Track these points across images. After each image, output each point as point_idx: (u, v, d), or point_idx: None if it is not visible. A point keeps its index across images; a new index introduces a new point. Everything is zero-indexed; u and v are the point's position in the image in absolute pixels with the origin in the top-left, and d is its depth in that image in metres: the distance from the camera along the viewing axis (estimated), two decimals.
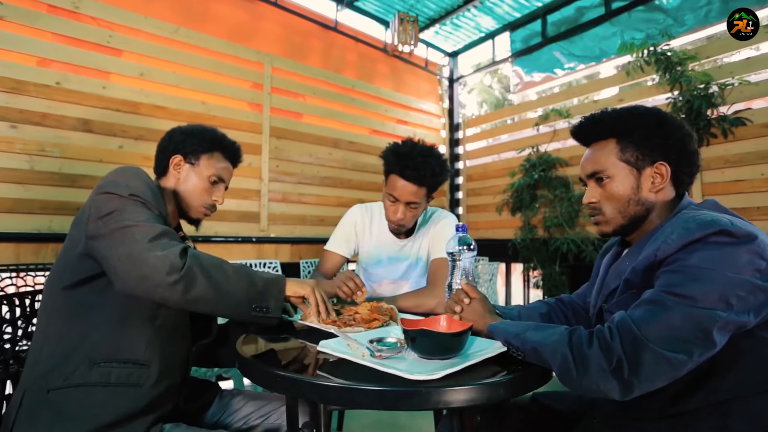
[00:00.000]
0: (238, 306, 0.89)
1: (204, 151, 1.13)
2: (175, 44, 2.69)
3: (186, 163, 1.12)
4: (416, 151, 1.37)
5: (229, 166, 1.20)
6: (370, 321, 1.02)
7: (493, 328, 0.85)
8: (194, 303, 0.85)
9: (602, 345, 0.68)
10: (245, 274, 0.92)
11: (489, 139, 4.23)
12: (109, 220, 0.86)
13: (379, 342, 0.85)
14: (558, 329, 0.76)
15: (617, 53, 3.05)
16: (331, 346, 0.82)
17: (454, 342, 0.77)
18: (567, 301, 1.11)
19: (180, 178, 1.12)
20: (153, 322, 0.93)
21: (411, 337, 0.78)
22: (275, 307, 0.93)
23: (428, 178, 1.36)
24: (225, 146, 1.18)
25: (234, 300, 0.88)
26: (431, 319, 0.88)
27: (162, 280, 0.81)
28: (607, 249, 1.04)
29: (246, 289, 0.90)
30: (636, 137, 0.85)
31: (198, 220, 1.18)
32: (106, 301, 0.91)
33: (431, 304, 1.36)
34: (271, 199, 3.08)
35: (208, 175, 1.13)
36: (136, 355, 0.89)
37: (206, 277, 0.85)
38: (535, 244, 3.25)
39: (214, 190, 1.16)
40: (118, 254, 0.84)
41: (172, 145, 1.13)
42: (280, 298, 0.95)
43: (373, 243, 1.60)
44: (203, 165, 1.13)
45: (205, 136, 1.15)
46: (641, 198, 0.86)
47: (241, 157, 1.26)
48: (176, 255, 0.84)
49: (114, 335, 0.90)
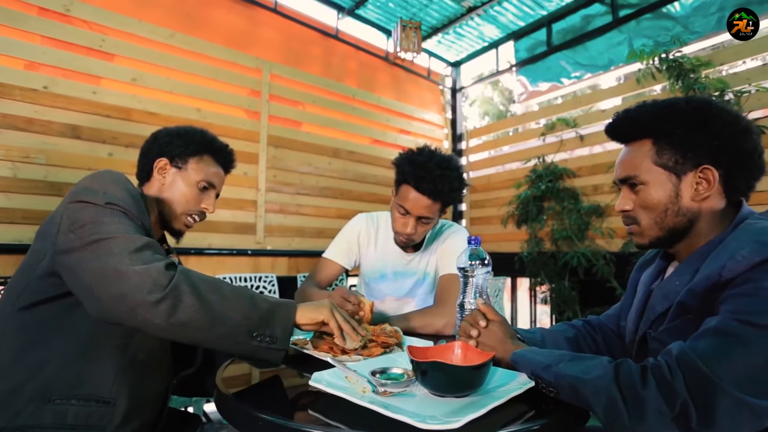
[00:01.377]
0: (235, 334, 0.73)
1: (192, 154, 1.03)
2: (170, 49, 2.60)
3: (172, 167, 1.01)
4: (434, 161, 1.23)
5: (220, 171, 1.09)
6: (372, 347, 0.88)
7: (519, 357, 0.72)
8: (181, 329, 0.71)
9: (661, 385, 0.55)
10: (246, 296, 0.78)
11: (492, 150, 4.13)
12: (82, 232, 0.74)
13: (383, 374, 0.72)
14: (599, 362, 0.63)
15: (626, 61, 2.97)
16: (326, 379, 0.69)
17: (475, 377, 0.64)
18: (596, 324, 0.98)
19: (165, 184, 1.01)
20: (124, 352, 0.80)
21: (422, 370, 0.65)
22: (282, 337, 0.77)
23: (445, 193, 1.23)
24: (216, 149, 1.07)
25: (231, 326, 0.73)
26: (444, 347, 0.75)
27: (142, 299, 0.68)
28: (646, 263, 0.91)
29: (246, 313, 0.75)
30: (675, 137, 0.73)
31: (180, 231, 1.05)
32: (69, 325, 0.78)
33: (439, 324, 1.23)
34: (268, 210, 2.96)
35: (196, 180, 1.02)
36: (99, 391, 0.76)
37: (197, 297, 0.71)
38: (543, 258, 3.11)
39: (204, 197, 1.04)
40: (92, 270, 0.71)
41: (157, 147, 1.02)
42: (289, 325, 0.79)
43: (378, 255, 1.47)
44: (191, 169, 1.02)
45: (194, 137, 1.04)
46: (682, 208, 0.73)
47: (233, 162, 1.15)
48: (160, 269, 0.71)
49: (75, 366, 0.76)
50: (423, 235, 1.34)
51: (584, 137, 3.17)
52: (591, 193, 3.07)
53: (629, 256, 2.68)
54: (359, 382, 0.69)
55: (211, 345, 0.75)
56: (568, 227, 2.97)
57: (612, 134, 0.83)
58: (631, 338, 0.83)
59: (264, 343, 0.75)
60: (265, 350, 0.75)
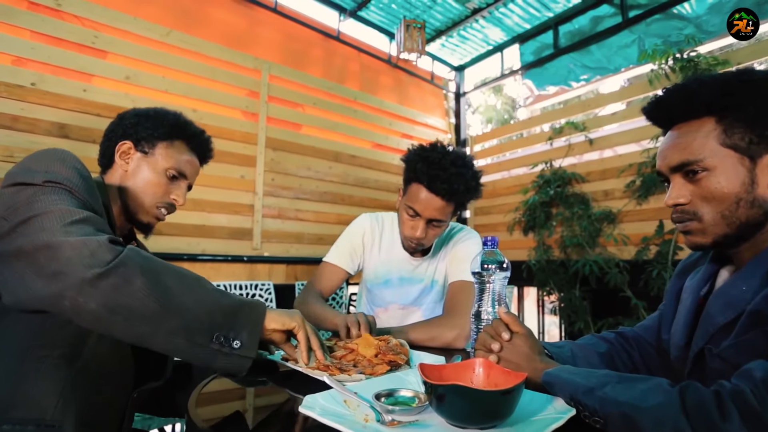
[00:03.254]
0: (192, 332, 0.60)
1: (161, 138, 0.91)
2: (165, 47, 2.51)
3: (137, 152, 0.90)
4: (449, 159, 1.11)
5: (194, 159, 0.97)
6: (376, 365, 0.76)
7: (553, 378, 0.60)
8: (123, 318, 0.57)
9: (748, 417, 0.43)
10: (209, 289, 0.66)
11: (498, 155, 4.02)
12: (13, 215, 0.62)
13: (389, 398, 0.60)
14: (656, 385, 0.51)
15: (637, 62, 2.87)
16: (320, 404, 0.57)
17: (504, 404, 0.52)
18: (631, 337, 0.85)
19: (128, 171, 0.89)
20: (71, 363, 0.67)
21: (438, 394, 0.52)
22: (249, 343, 0.65)
23: (460, 194, 1.11)
24: (190, 134, 0.96)
25: (188, 321, 0.60)
26: (462, 365, 0.62)
27: (76, 276, 0.55)
28: (688, 268, 0.79)
29: (207, 308, 0.62)
30: (748, 112, 0.61)
31: (149, 224, 0.93)
32: (1, 333, 0.66)
33: (449, 336, 1.10)
34: (265, 215, 2.85)
35: (165, 167, 0.91)
36: (40, 412, 0.63)
37: (148, 279, 0.59)
38: (552, 266, 2.98)
39: (173, 188, 0.92)
40: (17, 250, 0.59)
41: (121, 128, 0.91)
42: (256, 329, 0.67)
43: (382, 259, 1.35)
44: (159, 155, 0.91)
45: (165, 119, 0.93)
46: (757, 198, 0.61)
47: (210, 152, 1.03)
48: (102, 242, 0.59)
49: (8, 383, 0.63)
50: (433, 240, 1.22)
51: (594, 141, 3.07)
52: (601, 198, 2.95)
53: (643, 264, 2.56)
54: (360, 408, 0.57)
55: (156, 344, 0.60)
56: (579, 234, 2.84)
57: (656, 113, 0.72)
58: (679, 354, 0.71)
59: (226, 347, 0.62)
60: (226, 357, 0.62)
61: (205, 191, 2.58)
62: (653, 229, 2.63)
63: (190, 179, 0.96)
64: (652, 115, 0.72)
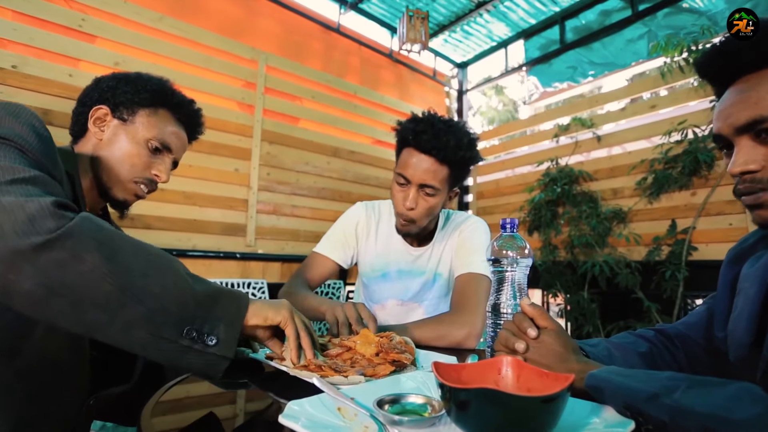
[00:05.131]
0: (156, 324, 0.49)
1: (143, 105, 0.81)
2: (157, 34, 2.40)
3: (114, 119, 0.80)
4: (437, 118, 1.07)
5: (180, 132, 0.87)
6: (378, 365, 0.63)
7: (601, 381, 0.48)
8: (68, 302, 0.46)
9: None
10: (181, 273, 0.54)
11: (502, 153, 3.91)
12: None
13: (394, 405, 0.48)
14: (743, 390, 0.39)
15: (648, 56, 2.77)
16: (307, 413, 0.45)
17: (545, 414, 0.40)
18: (674, 335, 0.73)
19: (103, 139, 0.79)
20: (9, 361, 0.55)
21: (460, 401, 0.40)
22: (226, 340, 0.53)
23: (451, 150, 1.01)
24: (176, 103, 0.85)
25: (151, 310, 0.48)
26: (484, 364, 0.50)
27: (9, 244, 0.43)
28: (744, 253, 0.67)
29: (178, 295, 0.51)
30: None
31: (125, 202, 0.82)
32: None
33: (458, 335, 0.98)
34: (260, 211, 2.72)
35: (146, 137, 0.80)
36: None
37: (105, 256, 0.47)
38: (559, 267, 2.86)
39: (155, 162, 0.82)
40: None
41: (97, 93, 0.81)
42: (237, 321, 0.56)
43: (379, 250, 1.23)
44: (140, 123, 0.80)
45: (148, 84, 0.82)
46: None
47: (201, 126, 0.93)
48: (46, 205, 0.47)
49: None
50: (428, 216, 1.09)
51: (602, 138, 2.96)
52: (610, 197, 2.84)
53: (655, 265, 2.44)
54: (358, 417, 0.45)
55: (112, 337, 0.49)
56: (588, 233, 2.73)
57: (716, 65, 0.60)
58: (742, 354, 0.59)
59: (199, 343, 0.51)
60: (199, 355, 0.51)
61: (198, 184, 2.46)
62: (665, 228, 2.52)
63: (175, 154, 0.85)
64: (709, 67, 0.61)
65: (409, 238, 1.21)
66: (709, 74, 0.62)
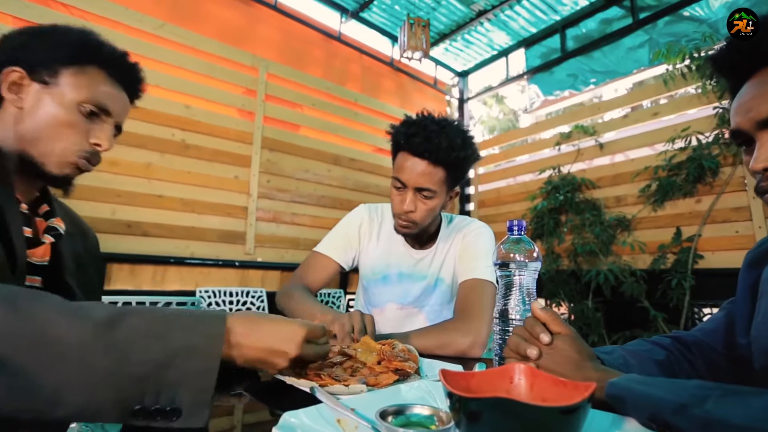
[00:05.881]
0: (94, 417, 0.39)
1: (65, 62, 0.67)
2: (159, 41, 2.40)
3: (34, 82, 0.66)
4: (430, 119, 1.05)
5: (117, 92, 0.73)
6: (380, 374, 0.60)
7: (622, 390, 0.44)
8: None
9: None
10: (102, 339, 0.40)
11: (503, 162, 3.90)
12: None
13: (398, 417, 0.44)
14: None
15: (649, 63, 2.77)
16: (304, 425, 0.41)
17: (564, 427, 0.36)
18: (691, 342, 0.70)
19: (24, 107, 0.66)
20: None
21: (470, 412, 0.37)
22: (195, 405, 0.41)
23: (444, 152, 0.99)
24: (106, 58, 0.71)
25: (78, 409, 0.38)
26: (494, 372, 0.47)
27: None
28: (765, 256, 0.64)
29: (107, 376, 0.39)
30: None
31: (66, 177, 0.69)
32: None
33: (463, 343, 0.94)
34: (259, 218, 2.70)
35: (77, 100, 0.67)
36: None
37: None
38: (562, 276, 2.82)
39: (93, 128, 0.69)
40: None
41: (5, 52, 0.66)
42: (204, 385, 0.42)
43: (380, 253, 1.20)
44: (66, 85, 0.67)
45: (67, 37, 0.69)
46: None
47: (140, 82, 0.78)
48: None
49: None
50: (426, 218, 1.07)
51: (604, 145, 2.94)
52: (613, 205, 2.81)
53: (661, 274, 2.40)
54: (359, 430, 0.41)
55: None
56: (591, 241, 2.69)
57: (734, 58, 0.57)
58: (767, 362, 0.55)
59: (158, 420, 0.40)
60: (163, 423, 0.40)
61: (197, 191, 2.44)
62: (669, 236, 2.48)
63: (116, 117, 0.72)
64: (727, 60, 0.58)
65: (411, 241, 1.18)
66: (725, 68, 0.59)
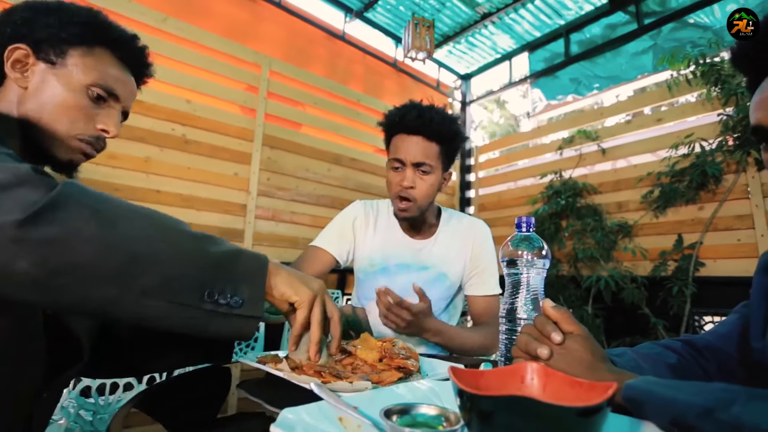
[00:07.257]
0: (173, 291, 0.44)
1: (74, 42, 0.65)
2: (161, 35, 2.38)
3: (39, 61, 0.64)
4: (418, 102, 1.14)
5: (126, 76, 0.71)
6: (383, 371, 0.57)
7: (640, 392, 0.42)
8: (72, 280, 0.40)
9: None
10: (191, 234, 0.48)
11: (504, 165, 3.88)
12: None
13: (404, 416, 0.41)
14: None
15: (654, 69, 2.76)
16: (304, 423, 0.39)
17: (583, 428, 0.34)
18: (702, 346, 0.67)
19: (29, 87, 0.63)
20: None
21: (482, 411, 0.35)
22: (253, 299, 0.49)
23: (437, 126, 1.06)
24: (116, 40, 0.69)
25: (166, 277, 0.44)
26: (507, 370, 0.44)
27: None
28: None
29: (193, 258, 0.46)
30: None
31: (71, 162, 0.68)
32: None
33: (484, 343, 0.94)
34: (258, 217, 2.67)
35: (85, 83, 0.65)
36: None
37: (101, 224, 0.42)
38: (562, 282, 2.80)
39: (100, 114, 0.67)
40: None
41: (9, 27, 0.63)
42: (259, 281, 0.51)
43: (377, 243, 1.19)
44: (74, 66, 0.64)
45: (76, 15, 0.66)
46: None
47: (148, 68, 0.78)
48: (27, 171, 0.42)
49: None
50: (427, 196, 1.10)
51: (607, 150, 2.93)
52: (615, 211, 2.80)
53: (661, 281, 2.38)
54: (362, 429, 0.39)
55: (125, 312, 0.43)
56: (592, 246, 2.67)
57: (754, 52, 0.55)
58: None
59: (223, 306, 0.46)
60: (224, 319, 0.47)
61: (195, 187, 2.41)
62: (671, 243, 2.47)
63: (123, 102, 0.70)
64: (747, 53, 0.56)
65: (410, 230, 1.18)
66: (744, 63, 0.57)
